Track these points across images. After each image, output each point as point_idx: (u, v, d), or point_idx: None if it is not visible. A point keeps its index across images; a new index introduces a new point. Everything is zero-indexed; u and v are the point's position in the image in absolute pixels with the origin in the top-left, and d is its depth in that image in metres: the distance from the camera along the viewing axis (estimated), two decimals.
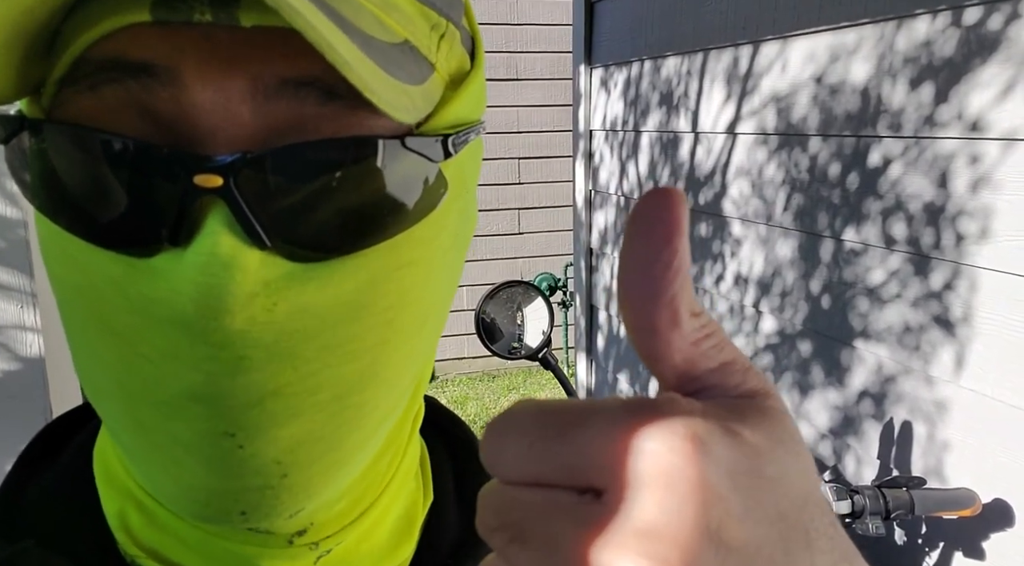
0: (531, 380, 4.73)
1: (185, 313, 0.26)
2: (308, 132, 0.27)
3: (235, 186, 0.26)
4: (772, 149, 1.82)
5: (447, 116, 0.31)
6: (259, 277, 0.26)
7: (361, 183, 0.28)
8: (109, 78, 0.26)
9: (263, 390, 0.27)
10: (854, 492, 1.23)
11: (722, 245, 2.06)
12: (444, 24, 0.31)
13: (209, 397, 0.27)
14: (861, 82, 1.53)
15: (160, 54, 0.26)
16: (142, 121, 0.27)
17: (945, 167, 1.35)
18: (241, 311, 0.26)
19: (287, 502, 0.30)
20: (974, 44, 1.29)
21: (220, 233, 0.25)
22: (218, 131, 0.26)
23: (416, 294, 0.31)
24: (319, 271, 0.28)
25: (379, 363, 0.30)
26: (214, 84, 0.26)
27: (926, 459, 1.43)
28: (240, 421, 0.27)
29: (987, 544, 1.33)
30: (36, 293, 1.45)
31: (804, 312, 1.74)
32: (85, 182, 0.27)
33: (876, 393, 1.55)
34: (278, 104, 0.26)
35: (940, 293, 1.38)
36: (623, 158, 2.59)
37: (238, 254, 0.26)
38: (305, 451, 0.29)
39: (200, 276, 0.25)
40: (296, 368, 0.28)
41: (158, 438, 0.28)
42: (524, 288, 1.17)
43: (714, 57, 2.03)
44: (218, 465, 0.28)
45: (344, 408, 0.30)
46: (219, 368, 0.26)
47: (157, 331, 0.27)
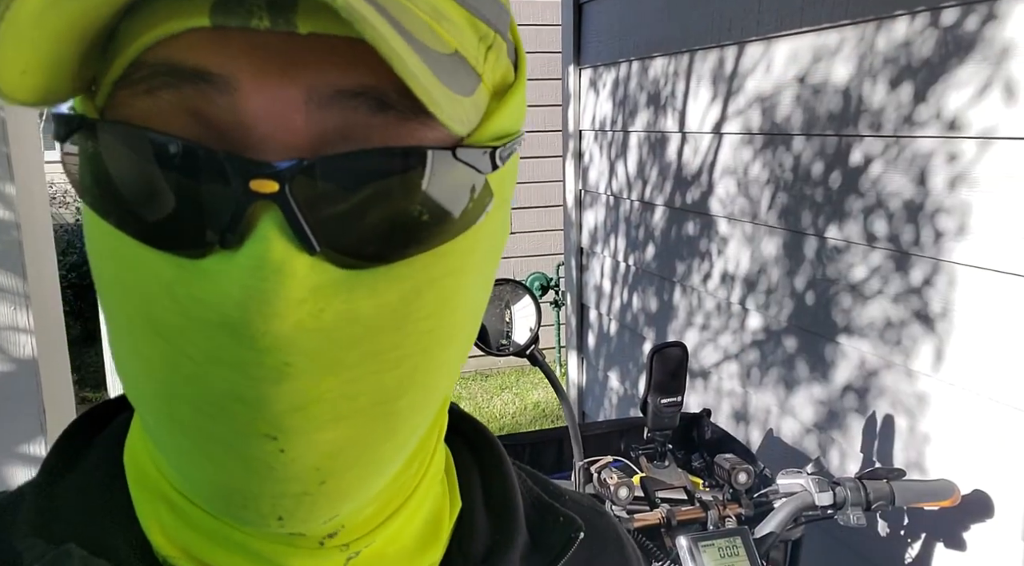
0: (524, 379, 4.76)
1: (232, 316, 0.26)
2: (358, 141, 0.27)
3: (290, 192, 0.26)
4: (757, 148, 1.85)
5: (492, 128, 0.31)
6: (308, 283, 0.26)
7: (411, 192, 0.28)
8: (166, 83, 0.27)
9: (307, 396, 0.27)
10: (835, 484, 1.26)
11: (709, 243, 2.08)
12: (492, 35, 0.32)
13: (252, 400, 0.27)
14: (843, 82, 1.55)
15: (216, 62, 0.26)
16: (197, 125, 0.27)
17: (924, 165, 1.38)
18: (290, 316, 0.26)
19: (324, 508, 0.30)
20: (951, 45, 1.31)
21: (272, 238, 0.26)
22: (271, 138, 0.27)
23: (455, 303, 0.31)
24: (366, 278, 0.28)
25: (419, 371, 0.31)
26: (269, 92, 0.26)
27: (907, 451, 1.46)
28: (282, 424, 0.28)
29: (966, 534, 1.36)
30: (29, 294, 1.46)
31: (789, 309, 1.77)
32: (139, 182, 0.27)
33: (859, 387, 1.58)
34: (330, 112, 0.27)
35: (920, 289, 1.41)
36: (612, 158, 2.62)
37: (289, 259, 0.26)
38: (344, 457, 0.29)
39: (250, 280, 0.26)
40: (339, 374, 0.28)
41: (199, 438, 0.29)
42: (512, 286, 1.19)
43: (700, 58, 2.06)
44: (258, 468, 0.28)
45: (383, 415, 0.30)
46: (263, 373, 0.27)
47: (203, 333, 0.27)
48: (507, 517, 0.41)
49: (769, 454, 1.86)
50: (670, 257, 2.29)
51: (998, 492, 1.29)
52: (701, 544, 1.18)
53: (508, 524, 0.41)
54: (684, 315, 2.24)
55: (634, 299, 2.54)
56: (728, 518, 1.26)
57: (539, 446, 1.57)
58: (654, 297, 2.42)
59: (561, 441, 1.57)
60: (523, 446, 1.55)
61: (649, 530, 1.24)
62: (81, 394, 4.37)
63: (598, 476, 1.29)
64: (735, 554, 1.18)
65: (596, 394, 2.91)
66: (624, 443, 1.57)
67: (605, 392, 2.83)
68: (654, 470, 1.38)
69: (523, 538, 0.41)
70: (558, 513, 0.43)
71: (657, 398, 1.33)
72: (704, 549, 1.17)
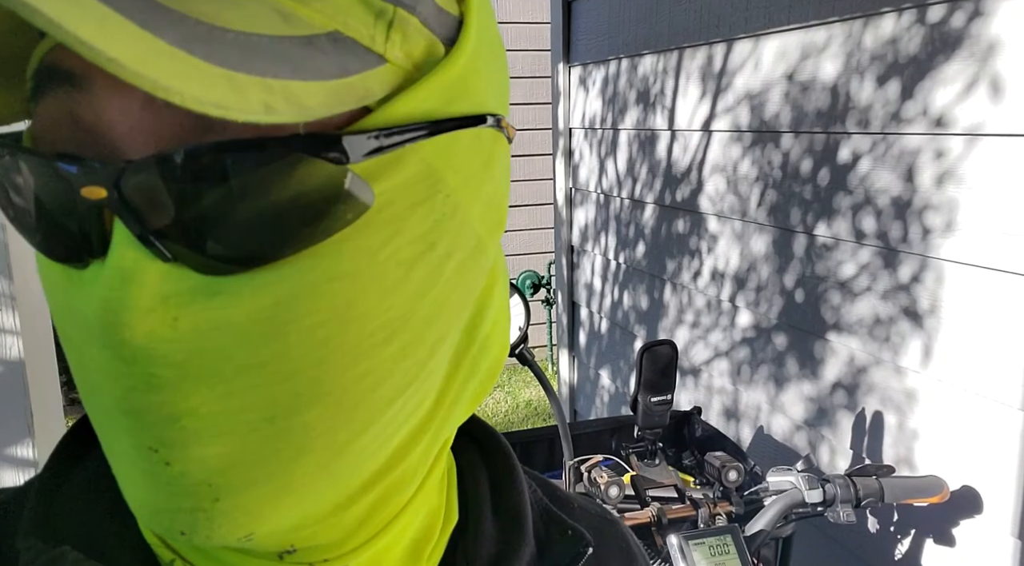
0: (515, 377, 4.75)
1: (97, 327, 0.26)
2: (215, 133, 0.26)
3: (121, 197, 0.25)
4: (746, 146, 1.85)
5: (396, 111, 0.28)
6: (156, 291, 0.26)
7: (261, 189, 0.26)
8: (46, 88, 0.27)
9: (178, 408, 0.27)
10: (825, 481, 1.26)
11: (699, 241, 2.09)
12: (391, 10, 0.29)
13: (131, 411, 0.27)
14: (831, 79, 1.56)
15: (78, 62, 0.26)
16: (78, 131, 0.27)
17: (911, 162, 1.38)
18: (138, 326, 0.25)
19: (226, 526, 0.29)
20: (938, 41, 1.32)
21: (123, 245, 0.25)
22: (128, 138, 0.26)
23: (362, 309, 0.28)
24: (228, 285, 0.26)
25: (321, 384, 0.28)
26: (119, 91, 0.26)
27: (897, 448, 1.47)
28: (161, 437, 0.27)
29: (955, 530, 1.36)
30: (15, 295, 1.44)
31: (778, 306, 1.77)
32: (27, 196, 0.28)
33: (848, 384, 1.58)
34: (179, 107, 0.24)
35: (908, 285, 1.42)
36: (602, 156, 2.62)
37: (138, 267, 0.25)
38: (239, 474, 0.28)
39: (104, 290, 0.26)
40: (213, 387, 0.27)
41: (110, 449, 0.29)
42: None
43: (689, 55, 2.06)
44: (152, 481, 0.28)
45: (283, 431, 0.28)
46: (133, 383, 0.26)
47: (88, 344, 0.27)
48: (515, 527, 0.41)
49: (759, 451, 1.86)
50: (660, 255, 2.29)
51: (986, 488, 1.30)
52: (692, 542, 1.18)
53: (516, 535, 0.40)
54: (674, 313, 2.24)
55: (625, 297, 2.54)
56: (719, 516, 1.26)
57: (530, 445, 1.57)
58: (645, 295, 2.42)
59: (552, 440, 1.57)
60: (514, 445, 1.54)
61: (640, 529, 1.24)
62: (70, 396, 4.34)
63: (588, 475, 1.29)
64: (726, 552, 1.18)
65: (587, 392, 2.91)
66: (615, 442, 1.57)
67: (596, 390, 2.83)
68: (644, 468, 1.38)
69: (530, 550, 0.41)
70: (566, 526, 0.43)
71: (647, 396, 1.33)
72: (695, 547, 1.17)
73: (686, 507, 1.27)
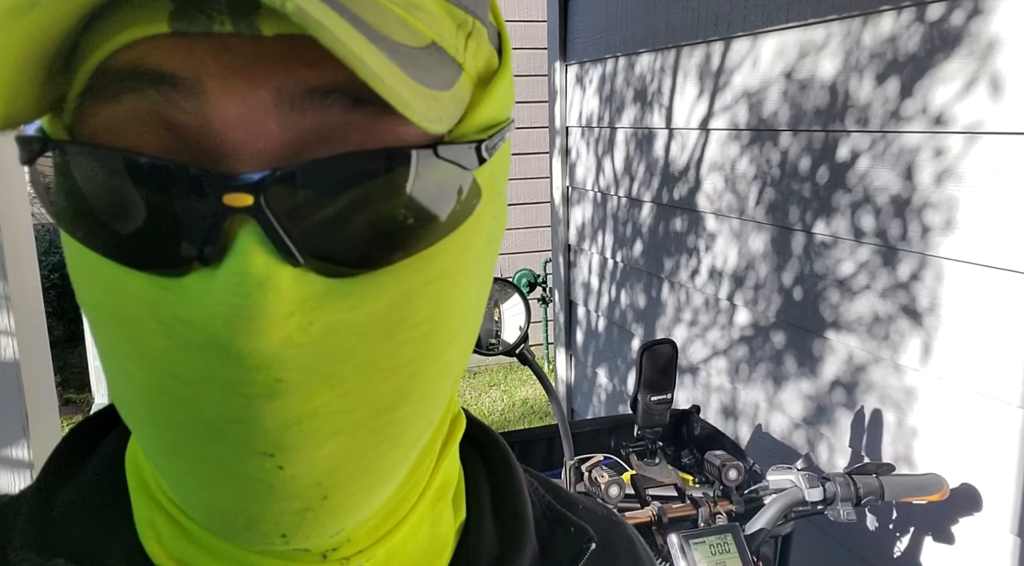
0: (512, 376, 4.75)
1: (218, 336, 0.25)
2: (336, 142, 0.26)
3: (266, 204, 0.25)
4: (744, 144, 1.85)
5: (478, 118, 0.30)
6: (293, 295, 0.26)
7: (393, 195, 0.27)
8: (129, 87, 0.26)
9: (301, 411, 0.27)
10: (825, 480, 1.26)
11: (697, 239, 2.08)
12: (471, 22, 0.30)
13: (246, 419, 0.26)
14: (829, 78, 1.55)
15: (180, 65, 0.25)
16: (165, 134, 0.26)
17: (911, 160, 1.38)
18: (276, 332, 0.25)
19: (328, 523, 0.29)
20: (937, 40, 1.32)
21: (252, 252, 0.25)
22: (243, 145, 0.25)
23: (450, 306, 0.30)
24: (353, 287, 0.27)
25: (416, 378, 0.30)
26: (237, 96, 0.25)
27: (896, 446, 1.47)
28: (279, 441, 0.27)
29: (955, 528, 1.36)
30: (10, 296, 1.44)
31: (777, 304, 1.77)
32: (111, 201, 0.26)
33: (847, 382, 1.58)
34: (304, 114, 0.26)
35: (907, 284, 1.42)
36: (599, 154, 2.61)
37: (271, 273, 0.25)
38: (345, 471, 0.29)
39: (233, 297, 0.25)
40: (333, 387, 0.27)
41: (194, 460, 0.28)
42: (501, 285, 1.18)
43: (687, 54, 2.06)
44: (258, 487, 0.27)
45: (383, 425, 0.29)
46: (255, 391, 0.26)
47: (190, 354, 0.26)
48: (516, 527, 0.41)
49: (758, 450, 1.86)
50: (658, 253, 2.29)
51: (986, 486, 1.30)
52: (692, 541, 1.17)
53: (517, 534, 0.40)
54: (672, 311, 2.24)
55: (622, 296, 2.54)
56: (719, 515, 1.26)
57: (529, 444, 1.57)
58: (642, 293, 2.41)
59: (551, 439, 1.56)
60: (512, 444, 1.54)
61: (640, 528, 1.24)
62: (65, 396, 4.32)
63: (588, 474, 1.29)
64: (726, 551, 1.18)
65: (585, 391, 2.90)
66: (614, 441, 1.56)
67: (594, 389, 2.83)
68: (644, 468, 1.37)
69: (532, 549, 0.41)
70: (569, 523, 0.42)
71: (647, 395, 1.32)
72: (695, 546, 1.17)
73: (686, 506, 1.27)
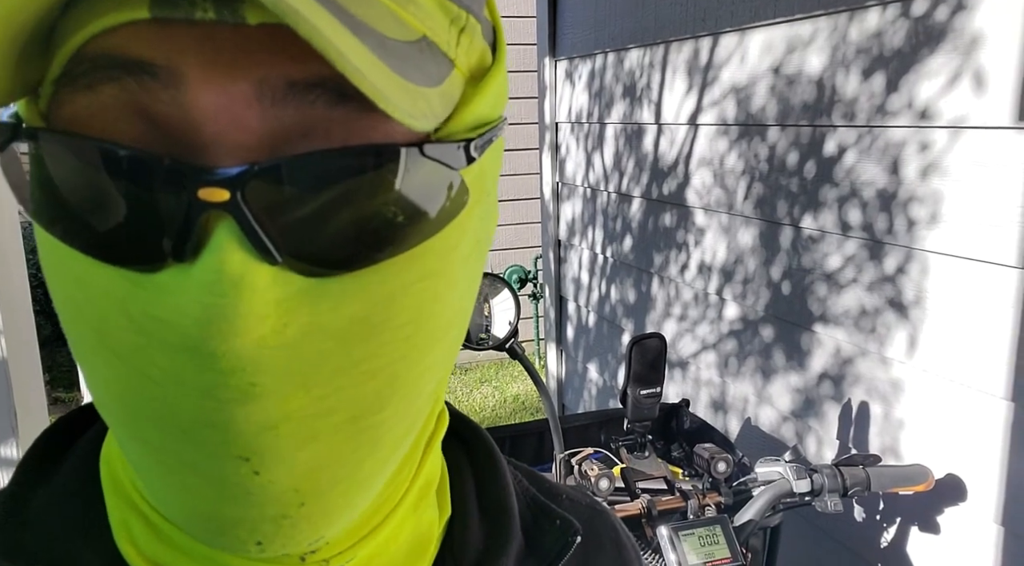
0: (503, 372, 4.76)
1: (191, 336, 0.24)
2: (318, 137, 0.25)
3: (243, 200, 0.24)
4: (732, 139, 1.86)
5: (468, 116, 0.29)
6: (270, 296, 0.25)
7: (377, 193, 0.26)
8: (107, 76, 0.25)
9: (276, 415, 0.26)
10: (813, 471, 1.27)
11: (686, 234, 2.09)
12: (464, 16, 0.30)
13: (219, 422, 0.25)
14: (816, 73, 1.57)
15: (160, 53, 0.24)
16: (142, 124, 0.25)
17: (896, 155, 1.40)
18: (251, 333, 0.24)
19: (306, 531, 0.28)
20: (922, 35, 1.33)
21: (228, 249, 0.24)
22: (222, 137, 0.25)
23: (437, 306, 0.29)
24: (332, 287, 0.26)
25: (398, 380, 0.29)
26: (218, 87, 0.24)
27: (882, 437, 1.48)
28: (254, 446, 0.26)
29: (940, 518, 1.38)
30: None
31: (765, 298, 1.79)
32: (84, 192, 0.25)
33: (834, 375, 1.60)
34: (285, 108, 0.25)
35: (893, 277, 1.43)
36: (589, 150, 2.62)
37: (247, 271, 0.24)
38: (324, 477, 0.28)
39: (207, 296, 0.24)
40: (309, 390, 0.26)
41: (169, 461, 0.27)
42: (490, 280, 1.18)
43: (675, 49, 2.06)
44: (233, 492, 0.27)
45: (362, 429, 0.28)
46: (229, 395, 0.25)
47: (163, 353, 0.25)
48: (501, 522, 0.40)
49: (747, 443, 1.87)
50: (647, 248, 2.30)
51: (971, 476, 1.32)
52: (681, 533, 1.18)
53: (502, 529, 0.40)
54: (662, 306, 2.25)
55: (612, 291, 2.55)
56: (708, 507, 1.27)
57: (519, 439, 1.58)
58: (632, 289, 2.42)
59: (541, 434, 1.57)
60: (503, 439, 1.55)
61: (630, 521, 1.24)
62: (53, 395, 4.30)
63: (579, 468, 1.30)
64: (715, 542, 1.19)
65: (575, 386, 2.91)
66: (604, 435, 1.57)
67: (584, 384, 2.84)
68: (634, 461, 1.38)
69: (518, 543, 0.40)
70: (555, 515, 0.42)
71: (637, 389, 1.33)
72: (684, 538, 1.18)
73: (676, 498, 1.28)
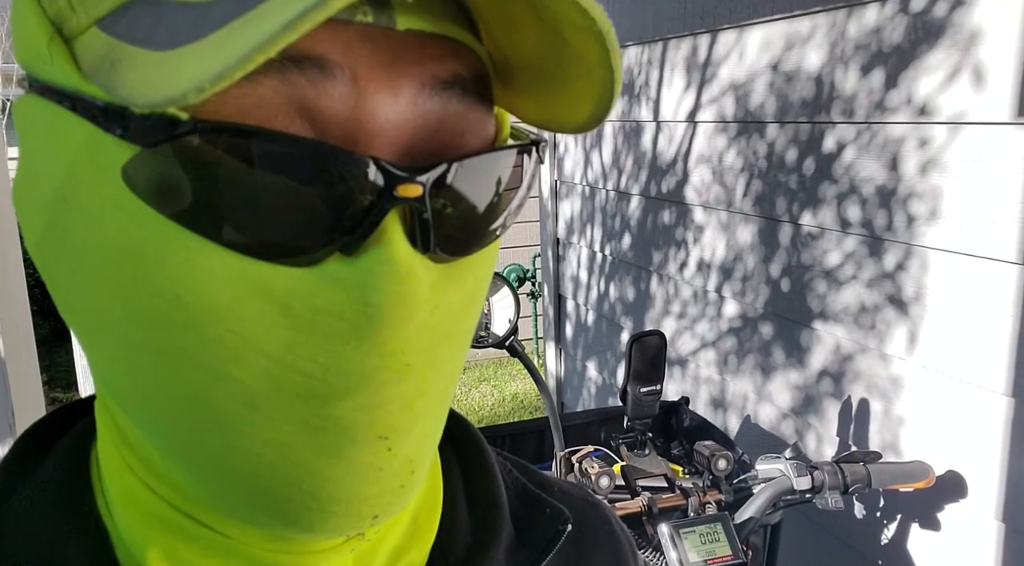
0: (501, 371, 4.75)
1: (359, 324, 0.25)
2: (444, 131, 0.28)
3: (428, 196, 0.26)
4: (731, 136, 1.85)
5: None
6: (427, 282, 0.27)
7: (515, 187, 0.29)
8: (270, 67, 0.24)
9: (416, 391, 0.28)
10: (813, 468, 1.27)
11: (685, 232, 2.09)
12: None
13: (373, 405, 0.27)
14: (815, 69, 1.56)
15: (331, 48, 0.25)
16: (300, 119, 0.25)
17: (896, 151, 1.39)
18: (416, 318, 0.26)
19: (407, 498, 0.30)
20: (921, 31, 1.33)
21: (399, 240, 0.25)
22: (382, 133, 0.26)
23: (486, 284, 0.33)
24: (456, 270, 0.29)
25: (464, 350, 0.32)
26: (386, 85, 0.26)
27: (883, 434, 1.48)
28: (395, 423, 0.27)
29: (941, 514, 1.38)
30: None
31: (765, 296, 1.78)
32: (249, 190, 0.24)
33: (834, 372, 1.59)
34: (431, 104, 0.27)
35: (893, 273, 1.43)
36: (587, 148, 2.62)
37: (413, 260, 0.26)
38: (428, 443, 0.30)
39: (386, 285, 0.25)
40: (438, 366, 0.29)
41: (299, 456, 0.27)
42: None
43: (673, 46, 2.06)
44: (366, 472, 0.28)
45: (447, 397, 0.31)
46: (387, 377, 0.26)
47: (322, 345, 0.25)
48: (490, 513, 0.40)
49: (746, 440, 1.87)
50: (646, 246, 2.30)
51: (971, 472, 1.31)
52: (682, 531, 1.18)
53: (491, 520, 0.40)
54: (661, 304, 2.25)
55: (611, 289, 2.55)
56: (708, 504, 1.27)
57: (519, 437, 1.57)
58: (631, 286, 2.42)
59: (541, 432, 1.57)
60: (503, 438, 1.55)
61: (630, 518, 1.24)
62: (51, 395, 4.29)
63: (579, 466, 1.30)
64: (716, 540, 1.19)
65: (575, 384, 2.91)
66: (604, 432, 1.57)
67: (583, 382, 2.84)
68: (634, 459, 1.38)
69: (508, 533, 0.40)
70: (545, 505, 0.42)
71: (637, 387, 1.33)
72: (685, 536, 1.18)
73: (676, 496, 1.28)
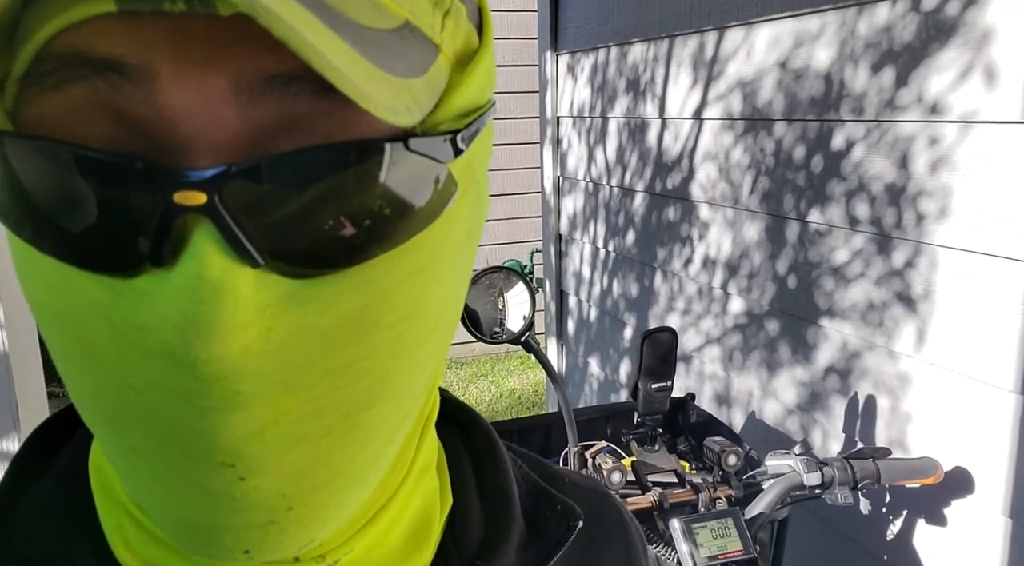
0: (499, 366, 4.76)
1: (171, 343, 0.23)
2: (299, 131, 0.24)
3: (220, 202, 0.23)
4: (738, 133, 1.86)
5: (456, 103, 0.28)
6: (253, 302, 0.24)
7: (362, 191, 0.25)
8: (75, 75, 0.23)
9: (261, 421, 0.25)
10: (823, 464, 1.28)
11: (690, 229, 2.10)
12: (448, 0, 0.29)
13: (204, 431, 0.25)
14: (824, 67, 1.57)
15: (130, 49, 0.23)
16: (114, 125, 0.24)
17: (905, 149, 1.40)
18: (234, 341, 0.23)
19: (295, 536, 0.28)
20: (932, 29, 1.33)
21: (208, 253, 0.23)
22: (199, 136, 0.24)
23: (429, 300, 0.29)
24: (320, 289, 0.25)
25: (389, 377, 0.28)
26: (192, 83, 0.23)
27: (890, 431, 1.49)
28: (239, 452, 0.25)
29: (948, 510, 1.39)
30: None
31: (771, 292, 1.79)
32: (56, 196, 0.24)
33: (841, 369, 1.60)
34: (265, 102, 0.24)
35: (901, 271, 1.43)
36: (591, 144, 2.62)
37: (228, 276, 0.23)
38: (311, 479, 0.27)
39: (187, 302, 0.23)
40: (297, 394, 0.25)
41: (155, 469, 0.26)
42: (505, 274, 1.18)
43: (680, 43, 2.06)
44: (219, 499, 0.26)
45: (351, 428, 0.28)
46: (211, 403, 0.24)
47: (143, 361, 0.24)
48: (502, 508, 0.40)
49: (752, 437, 1.88)
50: (650, 243, 2.30)
51: (979, 469, 1.32)
52: (694, 526, 1.19)
53: (503, 516, 0.39)
54: (665, 300, 2.25)
55: (614, 285, 2.55)
56: (719, 500, 1.27)
57: (526, 433, 1.58)
58: (635, 283, 2.43)
59: (548, 428, 1.57)
60: (510, 433, 1.55)
61: (641, 513, 1.25)
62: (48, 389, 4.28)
63: (593, 461, 1.30)
64: (727, 535, 1.20)
65: (576, 380, 2.92)
66: (611, 428, 1.57)
67: (585, 378, 2.84)
68: (644, 454, 1.39)
69: (519, 529, 0.40)
70: (556, 500, 0.42)
71: (648, 383, 1.34)
72: (697, 531, 1.19)
73: (687, 491, 1.28)
